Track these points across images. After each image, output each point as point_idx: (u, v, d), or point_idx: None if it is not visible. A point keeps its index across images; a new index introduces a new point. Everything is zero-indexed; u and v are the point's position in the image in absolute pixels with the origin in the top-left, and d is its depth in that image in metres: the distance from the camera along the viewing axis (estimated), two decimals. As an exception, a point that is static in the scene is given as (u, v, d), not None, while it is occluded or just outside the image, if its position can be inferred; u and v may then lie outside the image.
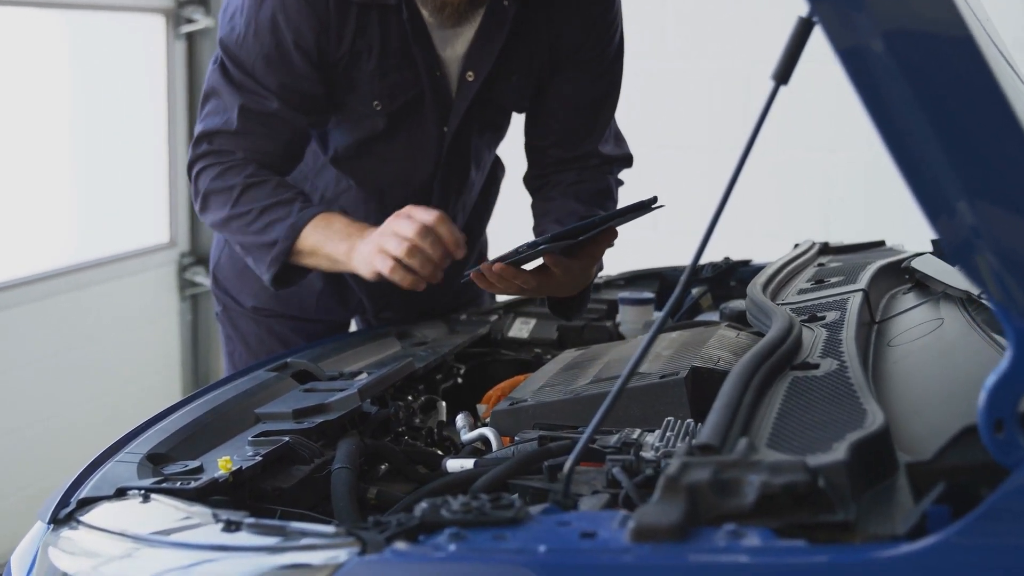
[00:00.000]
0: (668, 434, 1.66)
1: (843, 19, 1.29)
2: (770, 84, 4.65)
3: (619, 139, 2.72)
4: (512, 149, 2.77)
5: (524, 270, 2.29)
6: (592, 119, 2.63)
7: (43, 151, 4.82)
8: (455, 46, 2.43)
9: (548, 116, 2.60)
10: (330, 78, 2.42)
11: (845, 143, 4.81)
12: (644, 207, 2.22)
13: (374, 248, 2.25)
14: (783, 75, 1.29)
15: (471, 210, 2.78)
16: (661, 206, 2.21)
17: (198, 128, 2.48)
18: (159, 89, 5.19)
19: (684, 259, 3.25)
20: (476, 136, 2.59)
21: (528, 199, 2.70)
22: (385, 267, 2.24)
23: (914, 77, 1.27)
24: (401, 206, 2.61)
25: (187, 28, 5.16)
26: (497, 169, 2.86)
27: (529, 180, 2.70)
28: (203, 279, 5.28)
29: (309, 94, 2.41)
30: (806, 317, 1.92)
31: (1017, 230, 1.26)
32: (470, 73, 2.46)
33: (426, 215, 2.22)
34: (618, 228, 2.32)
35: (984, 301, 1.74)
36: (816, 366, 1.62)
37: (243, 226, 2.40)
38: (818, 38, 1.36)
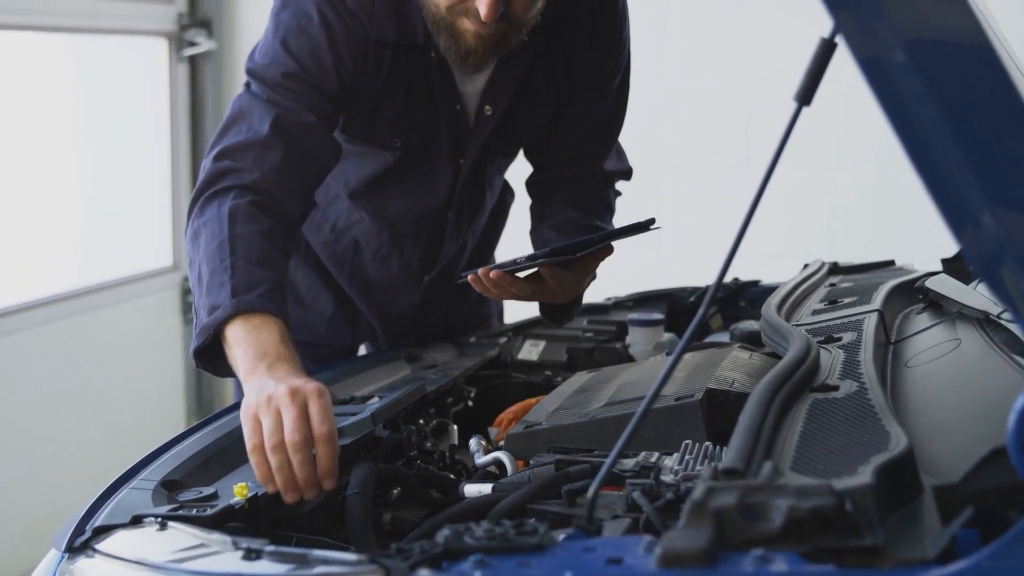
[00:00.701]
0: (687, 457, 1.65)
1: (864, 28, 1.28)
2: (771, 101, 4.66)
3: (620, 153, 2.75)
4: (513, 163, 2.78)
5: (519, 278, 2.31)
6: (601, 141, 2.65)
7: (45, 174, 4.82)
8: (474, 80, 2.42)
9: (559, 141, 2.60)
10: (352, 112, 2.39)
11: (849, 162, 4.81)
12: (641, 227, 2.24)
13: (251, 406, 1.81)
14: (806, 96, 1.29)
15: (480, 234, 2.78)
16: (658, 227, 2.23)
17: (217, 148, 2.25)
18: (162, 112, 5.20)
19: (686, 276, 3.26)
20: (489, 163, 2.59)
21: (526, 206, 2.73)
22: (248, 440, 1.79)
23: (934, 85, 1.27)
24: (415, 236, 2.61)
25: (190, 51, 5.17)
26: (506, 194, 2.86)
27: (531, 185, 2.72)
28: (206, 302, 5.26)
29: (334, 120, 2.37)
30: (822, 338, 1.92)
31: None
32: (488, 107, 2.45)
33: (320, 421, 1.77)
34: (616, 243, 2.35)
35: (1002, 321, 1.73)
36: (836, 388, 1.62)
37: (210, 271, 2.08)
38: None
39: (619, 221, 2.73)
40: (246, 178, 2.18)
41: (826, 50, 1.29)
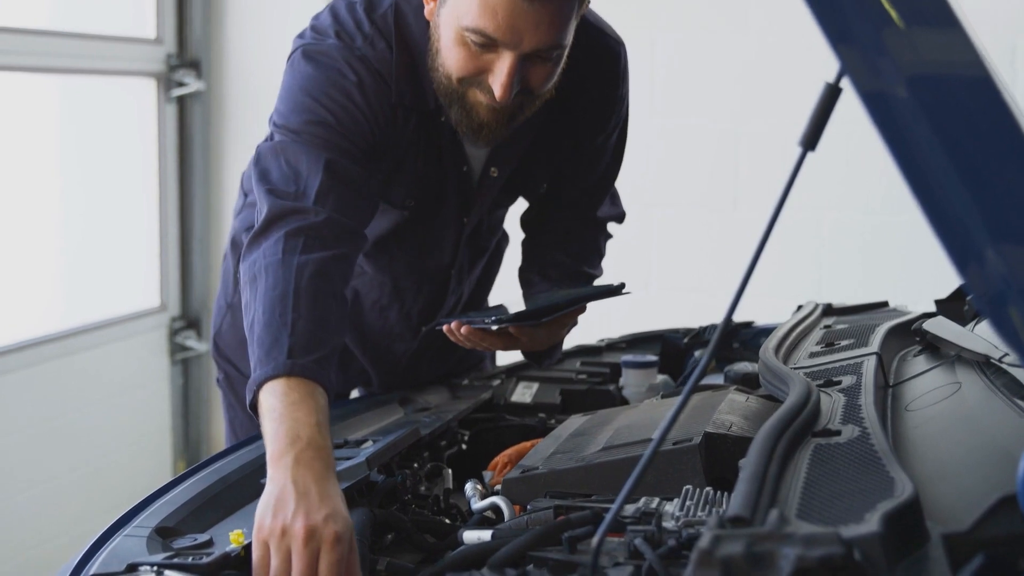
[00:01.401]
0: (688, 503, 1.64)
1: (867, 63, 1.28)
2: (760, 143, 4.66)
3: (615, 198, 2.75)
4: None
5: (490, 332, 2.32)
6: (598, 192, 2.68)
7: (33, 215, 4.80)
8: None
9: (557, 192, 2.62)
10: (374, 171, 2.30)
11: (838, 202, 4.83)
12: (612, 292, 2.30)
13: (264, 528, 1.70)
14: (811, 141, 1.28)
15: (476, 282, 2.78)
16: (628, 292, 2.29)
17: (267, 184, 2.15)
18: (150, 152, 5.18)
19: (676, 315, 3.26)
20: (489, 216, 2.61)
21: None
22: (255, 568, 1.70)
23: (936, 118, 1.26)
24: (417, 291, 2.62)
25: (178, 92, 5.16)
26: (502, 240, 2.85)
27: (525, 222, 2.73)
28: (194, 343, 5.26)
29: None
30: (821, 382, 1.91)
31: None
32: (494, 169, 2.44)
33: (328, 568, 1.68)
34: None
35: (1003, 365, 1.72)
36: (838, 432, 1.60)
37: (265, 322, 1.98)
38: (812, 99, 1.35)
39: (608, 262, 2.75)
40: (312, 219, 2.10)
41: (831, 95, 1.29)
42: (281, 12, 5.23)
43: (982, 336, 1.88)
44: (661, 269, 5.08)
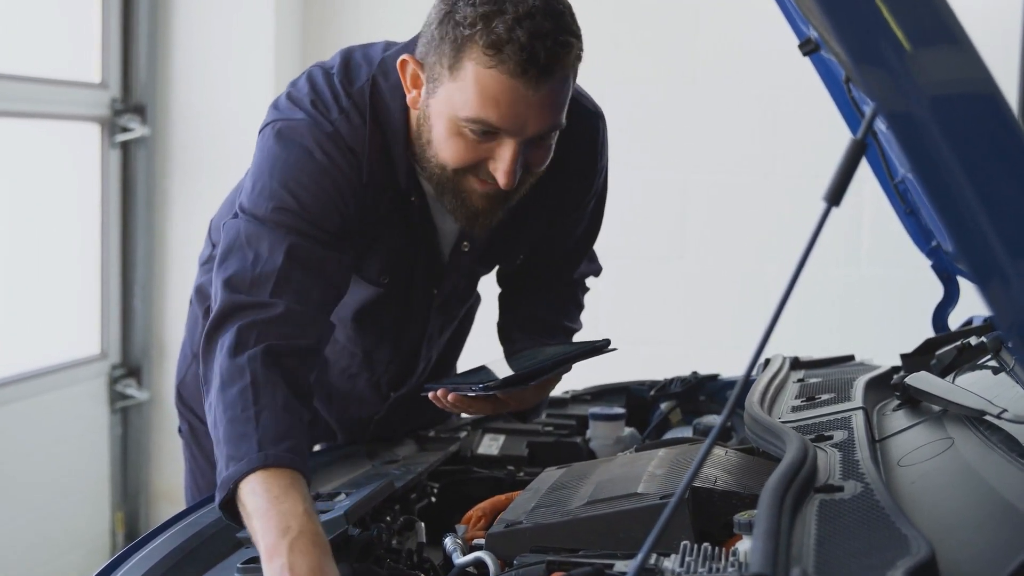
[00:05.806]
0: (688, 559, 1.61)
1: (888, 83, 1.28)
2: (706, 193, 4.67)
3: (591, 255, 2.73)
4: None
5: (477, 398, 2.28)
6: (575, 256, 2.68)
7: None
8: (450, 219, 2.34)
9: (535, 261, 2.61)
10: (346, 250, 2.24)
11: (780, 255, 4.86)
12: (597, 350, 2.28)
13: None
14: (835, 197, 1.27)
15: (446, 344, 2.74)
16: (614, 349, 2.27)
17: (223, 275, 2.09)
18: (92, 198, 5.11)
19: (625, 366, 3.25)
20: (463, 283, 2.57)
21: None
22: None
23: (952, 134, 1.27)
24: (388, 362, 2.58)
25: (122, 137, 5.10)
26: (474, 303, 2.81)
27: (501, 277, 2.70)
28: (135, 392, 5.18)
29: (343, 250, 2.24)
30: (813, 436, 1.90)
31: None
32: (466, 244, 2.40)
33: None
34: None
35: (999, 422, 1.72)
36: (840, 488, 1.59)
37: (229, 419, 1.93)
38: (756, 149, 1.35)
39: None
40: (268, 313, 2.05)
41: (856, 151, 1.28)
42: (227, 57, 5.19)
43: (973, 391, 1.88)
44: (609, 320, 5.08)
